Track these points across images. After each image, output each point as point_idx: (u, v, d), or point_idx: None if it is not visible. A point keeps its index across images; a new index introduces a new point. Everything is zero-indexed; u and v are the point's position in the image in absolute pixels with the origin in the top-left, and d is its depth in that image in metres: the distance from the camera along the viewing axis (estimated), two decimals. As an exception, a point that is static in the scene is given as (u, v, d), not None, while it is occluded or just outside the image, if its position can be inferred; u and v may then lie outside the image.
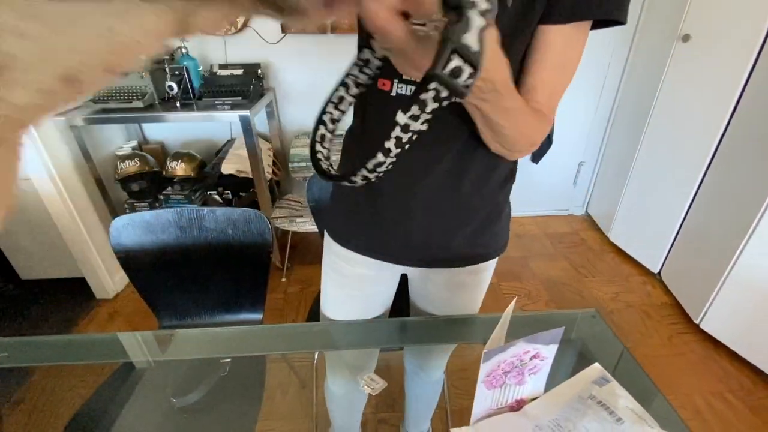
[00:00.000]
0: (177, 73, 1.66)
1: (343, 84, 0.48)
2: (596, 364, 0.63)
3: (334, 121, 0.49)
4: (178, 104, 1.66)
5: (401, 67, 0.38)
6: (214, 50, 1.88)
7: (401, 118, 0.32)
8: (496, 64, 0.36)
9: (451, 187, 0.60)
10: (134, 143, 2.01)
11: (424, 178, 0.59)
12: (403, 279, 0.80)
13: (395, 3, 0.27)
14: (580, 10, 0.46)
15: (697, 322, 1.62)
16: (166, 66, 1.67)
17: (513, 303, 0.57)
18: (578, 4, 0.45)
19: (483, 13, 0.27)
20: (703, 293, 1.58)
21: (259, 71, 1.80)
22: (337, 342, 0.77)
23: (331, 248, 0.73)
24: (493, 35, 0.31)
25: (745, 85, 1.45)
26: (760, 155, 1.37)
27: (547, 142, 2.16)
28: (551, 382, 0.60)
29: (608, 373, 0.62)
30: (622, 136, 2.12)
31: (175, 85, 1.64)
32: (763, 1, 1.34)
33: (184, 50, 1.74)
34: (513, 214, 0.72)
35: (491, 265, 0.73)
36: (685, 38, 1.63)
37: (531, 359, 0.56)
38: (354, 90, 0.48)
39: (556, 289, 1.87)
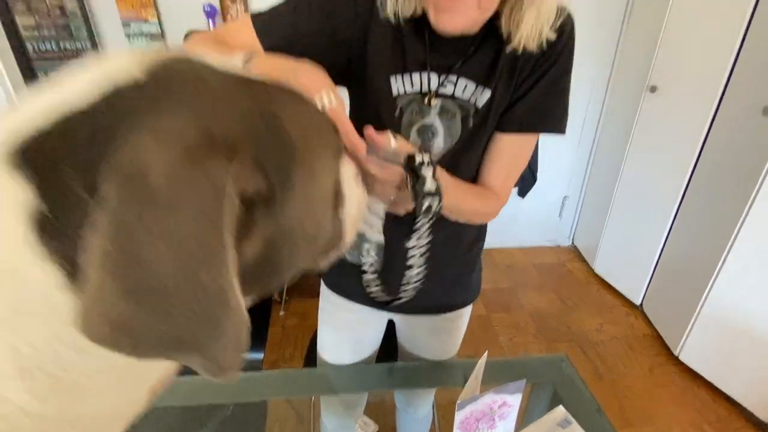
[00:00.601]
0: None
1: None
2: (560, 407, 0.72)
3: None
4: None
5: (395, 209, 0.53)
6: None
7: (412, 242, 0.51)
8: (446, 186, 0.50)
9: (428, 249, 0.71)
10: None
11: (405, 242, 0.70)
12: (391, 323, 0.90)
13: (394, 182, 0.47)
14: (527, 125, 0.60)
15: (676, 353, 1.71)
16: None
17: (485, 356, 0.66)
18: (525, 121, 0.60)
19: (429, 164, 0.46)
20: (681, 325, 1.67)
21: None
22: (333, 386, 0.85)
23: (325, 294, 0.84)
24: (441, 173, 0.49)
25: (709, 129, 1.58)
26: (726, 193, 1.49)
27: (532, 178, 2.28)
28: (521, 425, 0.69)
29: (570, 416, 0.71)
30: (602, 173, 2.26)
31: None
32: (722, 54, 1.49)
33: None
34: (503, 245, 0.85)
35: (467, 310, 0.84)
36: (653, 89, 1.78)
37: (499, 407, 0.65)
38: None
39: (543, 321, 1.95)
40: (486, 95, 0.59)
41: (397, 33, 0.57)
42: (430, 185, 0.45)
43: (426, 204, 0.46)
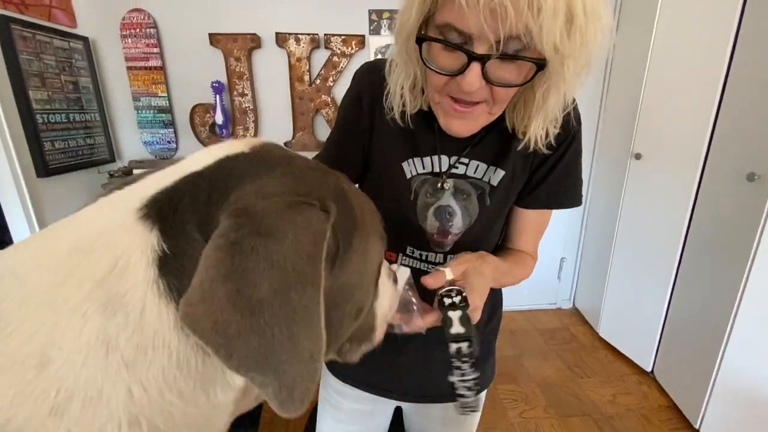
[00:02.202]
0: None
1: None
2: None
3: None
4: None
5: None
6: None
7: (454, 379, 0.48)
8: (484, 292, 0.51)
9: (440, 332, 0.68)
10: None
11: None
12: (398, 410, 0.83)
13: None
14: (552, 203, 0.63)
15: (696, 426, 1.60)
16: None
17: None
18: (550, 200, 0.63)
19: (458, 305, 0.47)
20: (698, 395, 1.58)
21: (262, 183, 1.96)
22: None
23: (328, 382, 0.77)
24: (473, 312, 0.49)
25: (697, 195, 1.64)
26: (723, 258, 1.50)
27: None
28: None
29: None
30: (597, 235, 2.29)
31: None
32: (699, 122, 1.59)
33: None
34: (503, 308, 0.81)
35: (481, 396, 0.77)
36: (638, 156, 1.88)
37: None
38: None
39: (552, 392, 1.84)
40: (500, 174, 0.60)
41: (404, 125, 0.59)
42: (457, 328, 0.45)
43: (454, 347, 0.46)
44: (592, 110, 2.21)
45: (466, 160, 0.60)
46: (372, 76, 0.60)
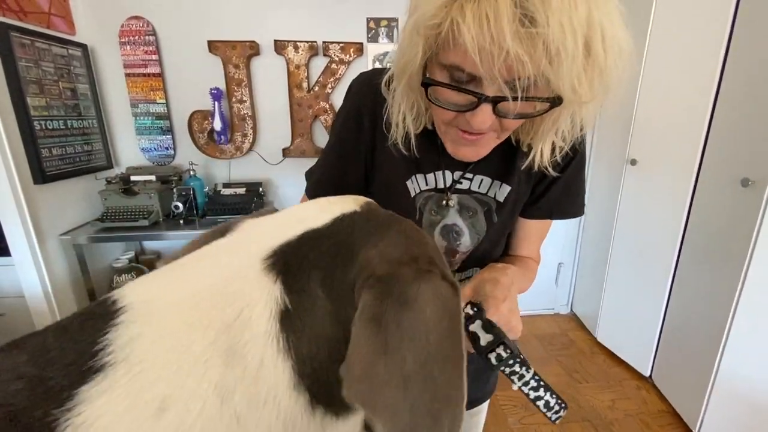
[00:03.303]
0: (184, 193, 1.79)
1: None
2: None
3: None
4: (181, 221, 1.76)
5: None
6: (219, 170, 2.07)
7: (515, 387, 0.45)
8: (501, 294, 0.50)
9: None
10: (131, 254, 2.06)
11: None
12: None
13: None
14: (554, 214, 0.64)
15: (695, 431, 1.60)
16: (174, 187, 1.81)
17: None
18: (554, 210, 0.63)
19: (472, 319, 0.46)
20: (696, 400, 1.59)
21: (261, 189, 1.96)
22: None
23: None
24: (496, 314, 0.48)
25: (692, 200, 1.66)
26: (718, 263, 1.51)
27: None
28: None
29: None
30: (594, 240, 2.30)
31: (181, 205, 1.76)
32: (693, 128, 1.61)
33: (192, 172, 1.91)
34: None
35: (485, 406, 0.79)
36: (633, 162, 1.90)
37: None
38: None
39: (552, 397, 1.84)
40: (506, 190, 0.59)
41: (406, 144, 0.57)
42: (485, 338, 0.44)
43: (494, 357, 0.44)
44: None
45: (470, 175, 0.59)
46: (371, 90, 0.57)
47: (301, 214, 0.29)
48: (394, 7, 1.94)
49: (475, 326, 0.45)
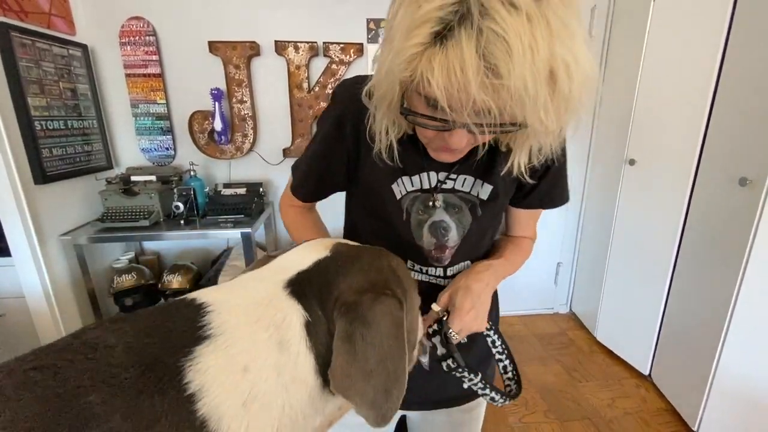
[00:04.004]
0: (184, 193, 1.79)
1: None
2: None
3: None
4: (182, 222, 1.76)
5: None
6: (220, 171, 2.07)
7: (470, 386, 0.60)
8: (470, 305, 0.59)
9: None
10: (131, 254, 2.06)
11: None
12: (401, 419, 0.83)
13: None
14: (544, 204, 0.67)
15: (694, 429, 1.61)
16: (174, 187, 1.81)
17: None
18: (543, 201, 0.67)
19: (434, 334, 0.58)
20: (695, 398, 1.60)
21: (261, 189, 1.96)
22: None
23: None
24: (484, 273, 0.63)
25: (690, 200, 1.67)
26: (716, 261, 1.52)
27: (526, 246, 2.32)
28: None
29: None
30: (593, 239, 2.31)
31: (181, 205, 1.76)
32: (691, 128, 1.63)
33: (192, 172, 1.91)
34: (501, 313, 0.83)
35: (482, 400, 0.78)
36: (632, 162, 1.91)
37: None
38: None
39: (552, 396, 1.85)
40: (488, 189, 0.62)
41: (389, 154, 0.58)
42: (440, 350, 0.57)
43: (444, 366, 0.57)
44: (586, 118, 2.24)
45: (454, 176, 0.62)
46: (354, 98, 0.58)
47: (296, 258, 0.42)
48: (394, 8, 1.95)
49: (435, 340, 0.57)
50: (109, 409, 0.25)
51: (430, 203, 0.62)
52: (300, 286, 0.37)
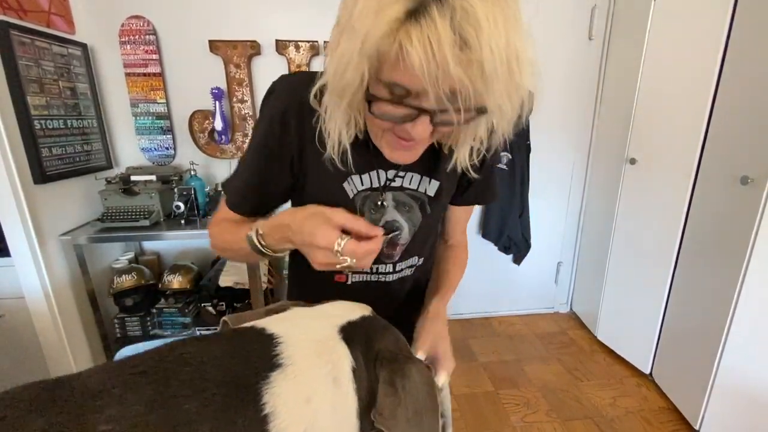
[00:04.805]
0: (185, 193, 1.78)
1: None
2: None
3: None
4: (182, 222, 1.75)
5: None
6: (220, 170, 2.06)
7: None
8: (449, 347, 0.64)
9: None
10: (131, 255, 2.05)
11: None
12: None
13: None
14: (479, 200, 0.75)
15: (696, 427, 1.61)
16: (174, 187, 1.80)
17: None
18: (478, 197, 0.75)
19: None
20: (696, 396, 1.60)
21: (262, 189, 1.95)
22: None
23: None
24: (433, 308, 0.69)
25: (691, 198, 1.67)
26: (718, 260, 1.53)
27: (526, 245, 2.33)
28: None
29: None
30: (593, 239, 2.32)
31: (182, 205, 1.75)
32: (692, 127, 1.63)
33: (192, 172, 1.90)
34: (501, 313, 0.87)
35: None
36: (632, 161, 1.92)
37: None
38: None
39: (554, 396, 1.85)
40: (435, 185, 0.65)
41: (342, 157, 0.57)
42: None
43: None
44: (586, 116, 2.25)
45: (402, 173, 0.63)
46: (297, 95, 0.56)
47: (341, 308, 0.48)
48: (395, 8, 1.94)
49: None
50: (202, 418, 0.28)
51: (379, 202, 0.63)
52: (349, 334, 0.42)
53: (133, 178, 1.82)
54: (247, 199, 0.65)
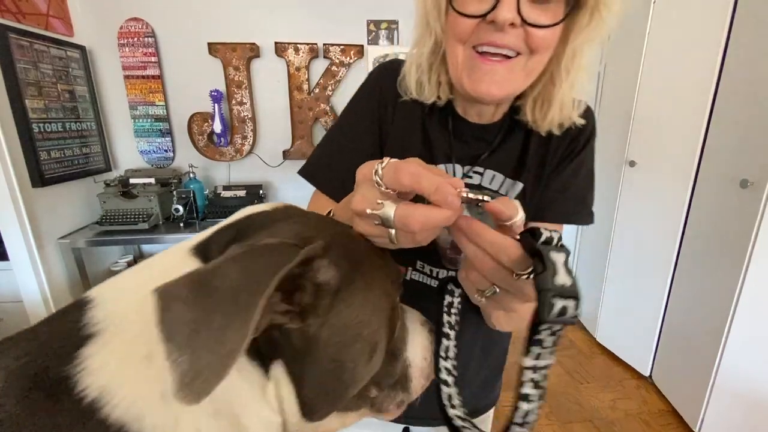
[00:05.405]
0: (184, 196, 1.78)
1: (444, 335, 0.43)
2: None
3: (451, 372, 0.43)
4: (181, 225, 1.75)
5: (492, 307, 0.37)
6: (219, 173, 2.06)
7: (527, 362, 0.30)
8: None
9: (465, 353, 0.63)
10: (130, 257, 2.04)
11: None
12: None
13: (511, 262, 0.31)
14: (571, 218, 0.60)
15: (696, 430, 1.61)
16: (173, 189, 1.80)
17: None
18: (571, 212, 0.60)
19: (560, 246, 0.29)
20: (696, 399, 1.60)
21: (261, 192, 1.95)
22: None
23: None
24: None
25: (690, 201, 1.67)
26: (717, 262, 1.53)
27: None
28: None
29: None
30: (593, 240, 2.32)
31: (181, 208, 1.75)
32: (692, 130, 1.63)
33: (191, 174, 1.90)
34: None
35: (491, 413, 0.74)
36: (632, 164, 1.92)
37: None
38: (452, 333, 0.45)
39: (554, 398, 1.85)
40: (518, 188, 0.57)
41: (422, 126, 0.56)
42: (564, 278, 0.29)
43: (559, 306, 0.29)
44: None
45: (480, 170, 0.56)
46: (393, 78, 0.57)
47: (227, 221, 0.34)
48: (394, 10, 1.95)
49: (558, 256, 0.30)
50: None
51: None
52: (206, 246, 0.30)
53: (131, 180, 1.81)
54: (331, 167, 0.58)
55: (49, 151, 1.57)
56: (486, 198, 0.33)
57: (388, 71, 0.58)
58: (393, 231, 0.31)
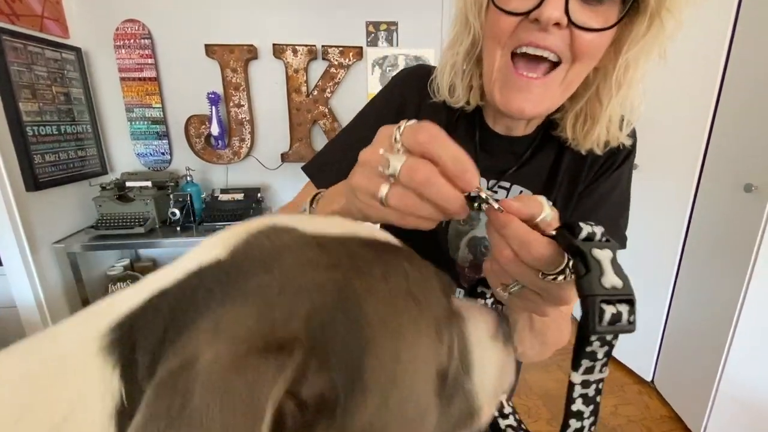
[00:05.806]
0: (180, 199, 1.76)
1: None
2: None
3: None
4: (178, 228, 1.73)
5: (532, 307, 0.32)
6: (217, 176, 2.04)
7: (576, 377, 0.28)
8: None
9: None
10: (126, 261, 2.02)
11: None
12: None
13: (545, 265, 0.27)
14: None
15: (699, 437, 1.59)
16: (170, 193, 1.78)
17: None
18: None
19: (605, 241, 0.25)
20: (699, 405, 1.58)
21: (259, 195, 1.93)
22: None
23: None
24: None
25: (693, 206, 1.65)
26: (721, 267, 1.51)
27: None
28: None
29: None
30: (593, 244, 2.30)
31: (177, 212, 1.73)
32: (694, 133, 1.61)
33: (189, 178, 1.88)
34: None
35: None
36: (634, 167, 1.89)
37: None
38: None
39: (554, 404, 1.83)
40: None
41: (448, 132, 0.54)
42: (612, 279, 0.24)
43: (610, 313, 0.24)
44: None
45: (507, 184, 0.52)
46: (418, 86, 0.54)
47: (169, 268, 0.21)
48: (394, 11, 1.93)
49: (602, 254, 0.25)
50: None
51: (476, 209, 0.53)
52: (127, 335, 0.19)
53: (128, 184, 1.79)
54: (333, 168, 0.54)
55: (43, 154, 1.55)
56: (496, 202, 0.28)
57: (414, 78, 0.55)
58: (386, 189, 0.27)
